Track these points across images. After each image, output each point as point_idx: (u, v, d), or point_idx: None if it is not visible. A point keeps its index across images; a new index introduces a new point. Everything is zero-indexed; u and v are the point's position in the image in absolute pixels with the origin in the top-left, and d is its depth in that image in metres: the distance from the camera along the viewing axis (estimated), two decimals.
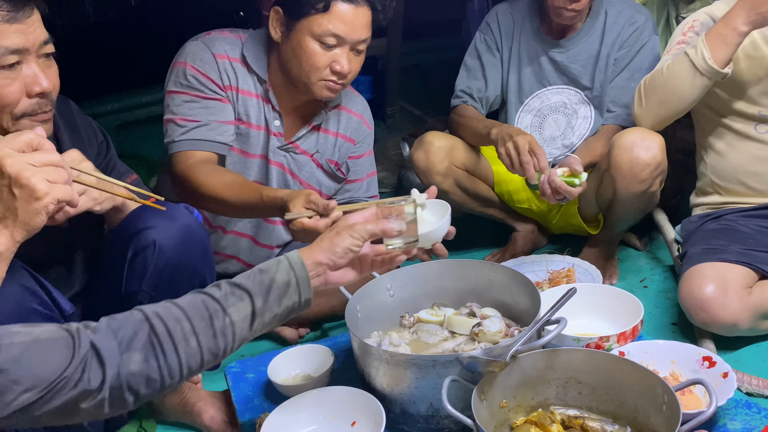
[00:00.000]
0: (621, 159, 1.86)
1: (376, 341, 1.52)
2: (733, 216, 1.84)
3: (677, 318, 1.91)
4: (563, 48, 2.11)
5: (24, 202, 0.98)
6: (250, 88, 1.80)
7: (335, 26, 1.66)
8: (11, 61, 1.12)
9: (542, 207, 2.29)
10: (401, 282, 1.64)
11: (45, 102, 1.18)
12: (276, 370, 1.53)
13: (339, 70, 1.69)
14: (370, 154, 2.05)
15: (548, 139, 2.19)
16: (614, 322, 1.59)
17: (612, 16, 2.06)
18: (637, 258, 2.28)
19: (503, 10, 2.20)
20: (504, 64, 2.19)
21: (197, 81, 1.74)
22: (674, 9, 2.18)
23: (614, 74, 2.09)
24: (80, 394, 0.89)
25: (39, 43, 1.16)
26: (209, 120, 1.72)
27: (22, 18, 1.12)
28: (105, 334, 0.92)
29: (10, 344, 0.85)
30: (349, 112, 1.96)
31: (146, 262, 1.32)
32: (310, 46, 1.68)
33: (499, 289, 1.59)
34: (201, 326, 0.99)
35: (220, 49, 1.77)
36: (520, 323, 1.53)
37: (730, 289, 1.65)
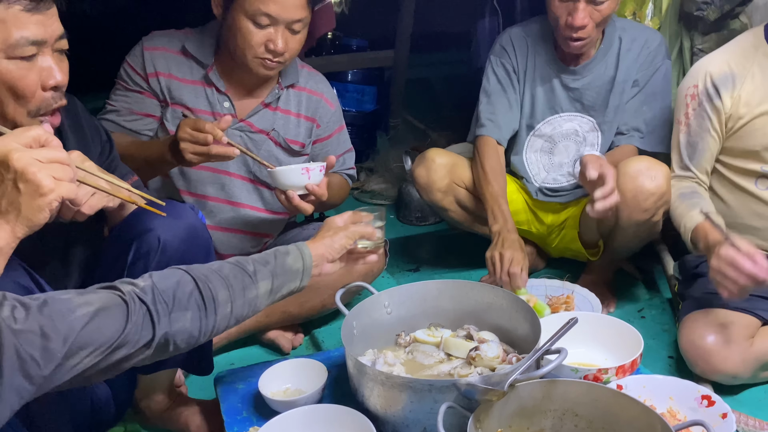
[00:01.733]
0: (625, 187, 1.85)
1: (370, 359, 1.50)
2: None
3: (674, 351, 1.89)
4: (578, 75, 2.09)
5: (28, 198, 0.97)
6: (185, 75, 1.86)
7: (266, 6, 1.69)
8: (30, 53, 1.12)
9: (541, 230, 2.27)
10: (399, 300, 1.62)
11: (58, 95, 1.18)
12: (267, 383, 1.50)
13: (273, 48, 1.73)
14: (340, 131, 2.07)
15: (556, 165, 2.17)
16: (613, 353, 1.57)
17: (626, 42, 2.05)
18: (635, 287, 2.27)
19: (517, 33, 2.17)
20: (520, 87, 2.17)
21: (125, 72, 1.86)
22: (688, 40, 2.17)
23: (629, 97, 2.07)
24: (132, 352, 1.02)
25: (56, 36, 1.16)
26: (122, 107, 1.85)
27: (43, 9, 1.12)
28: (156, 295, 1.05)
29: (75, 317, 0.96)
30: (308, 92, 1.97)
31: (148, 261, 1.30)
32: (244, 24, 1.72)
33: (498, 312, 1.57)
34: (238, 294, 1.16)
35: (152, 43, 1.87)
36: (517, 349, 1.51)
37: (732, 341, 1.63)
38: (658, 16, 2.20)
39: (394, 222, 2.93)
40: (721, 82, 1.74)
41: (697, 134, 1.79)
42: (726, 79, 1.74)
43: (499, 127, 2.13)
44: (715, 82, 1.75)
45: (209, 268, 1.15)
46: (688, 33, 2.16)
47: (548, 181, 2.18)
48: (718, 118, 1.76)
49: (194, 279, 1.10)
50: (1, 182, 0.97)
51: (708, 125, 1.77)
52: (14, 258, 1.05)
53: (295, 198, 1.73)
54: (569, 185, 2.16)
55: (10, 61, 1.11)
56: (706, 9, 2.06)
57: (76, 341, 0.95)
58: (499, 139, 2.13)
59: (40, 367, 0.91)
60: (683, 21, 2.17)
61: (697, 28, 2.13)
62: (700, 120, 1.78)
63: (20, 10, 1.10)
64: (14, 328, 0.89)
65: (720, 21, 2.08)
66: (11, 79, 1.11)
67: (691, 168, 1.83)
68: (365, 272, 1.95)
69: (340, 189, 2.07)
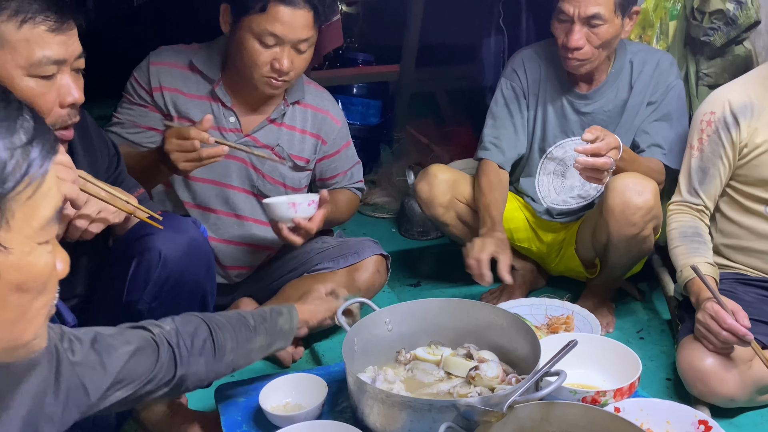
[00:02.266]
0: (614, 201, 1.88)
1: (370, 376, 1.50)
2: (732, 282, 1.83)
3: (672, 374, 1.90)
4: (590, 99, 2.09)
5: None
6: (192, 90, 1.88)
7: (273, 27, 1.71)
8: (50, 72, 1.16)
9: (542, 248, 2.29)
10: (400, 317, 1.63)
11: (74, 113, 1.22)
12: (267, 396, 1.50)
13: (278, 68, 1.75)
14: (347, 146, 2.09)
15: (567, 188, 2.17)
16: (611, 375, 1.58)
17: (638, 65, 2.06)
18: (635, 308, 2.28)
19: (529, 55, 2.18)
20: (530, 110, 2.18)
21: (131, 86, 1.90)
22: (694, 64, 2.18)
23: (643, 119, 2.07)
24: (155, 389, 1.13)
25: (75, 56, 1.19)
26: (127, 120, 1.88)
27: (66, 30, 1.16)
28: (180, 339, 1.16)
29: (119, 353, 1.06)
30: (314, 108, 1.99)
31: (149, 272, 1.32)
32: (251, 43, 1.75)
33: (499, 332, 1.58)
34: (241, 346, 1.28)
35: (159, 58, 1.89)
36: (517, 369, 1.52)
37: (731, 364, 1.64)
38: (665, 41, 2.22)
39: (396, 236, 2.95)
40: (740, 110, 1.76)
41: (709, 160, 1.81)
42: (745, 108, 1.76)
43: (502, 151, 2.15)
44: (734, 111, 1.76)
45: (221, 317, 1.27)
46: (694, 57, 2.18)
47: (557, 202, 2.19)
48: (732, 147, 1.78)
49: (209, 328, 1.22)
50: None
51: (721, 152, 1.79)
52: None
53: (283, 230, 1.79)
54: (578, 207, 2.18)
55: (31, 78, 1.14)
56: (712, 35, 2.08)
57: (118, 375, 1.05)
58: (501, 163, 2.14)
59: (89, 397, 1.00)
60: (689, 46, 2.19)
61: (703, 53, 2.15)
62: (714, 146, 1.80)
63: (45, 30, 1.13)
64: (72, 360, 0.98)
65: (725, 47, 2.10)
66: (31, 96, 1.14)
67: (700, 193, 1.85)
68: (366, 287, 1.96)
69: (348, 204, 2.10)
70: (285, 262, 2.07)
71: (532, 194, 2.22)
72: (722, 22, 2.06)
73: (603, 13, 1.88)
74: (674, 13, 2.21)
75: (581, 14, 1.88)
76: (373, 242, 2.07)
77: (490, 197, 2.07)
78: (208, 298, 1.42)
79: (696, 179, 1.84)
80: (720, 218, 1.87)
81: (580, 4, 1.88)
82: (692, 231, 1.81)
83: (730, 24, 2.05)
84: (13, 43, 1.12)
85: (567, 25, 1.93)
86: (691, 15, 2.15)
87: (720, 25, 2.07)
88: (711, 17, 2.08)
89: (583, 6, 1.87)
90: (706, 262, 1.73)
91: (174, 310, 1.34)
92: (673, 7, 2.21)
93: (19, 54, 1.12)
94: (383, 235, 2.87)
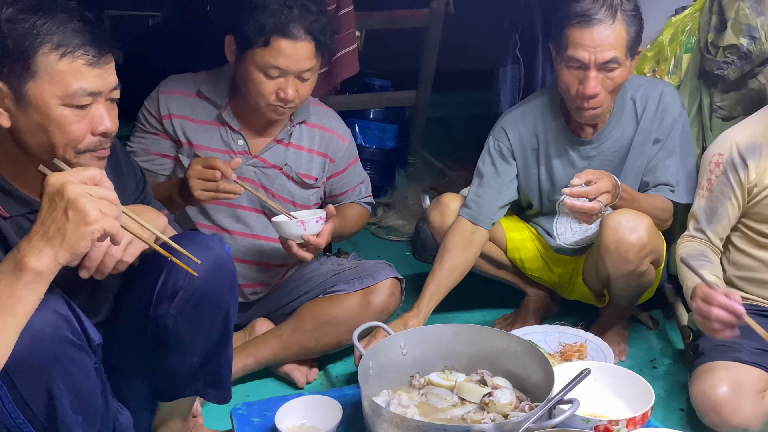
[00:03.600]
0: (608, 239, 1.89)
1: (385, 400, 1.52)
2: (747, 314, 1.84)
3: (685, 404, 1.90)
4: (596, 143, 2.04)
5: (74, 225, 1.04)
6: (200, 117, 1.94)
7: (276, 60, 1.77)
8: (85, 102, 1.20)
9: (553, 278, 2.30)
10: (415, 342, 1.65)
11: (106, 140, 1.25)
12: (283, 418, 1.53)
13: (283, 97, 1.81)
14: (355, 164, 2.14)
15: (584, 228, 2.16)
16: (623, 404, 1.59)
17: (641, 101, 2.01)
18: (648, 337, 2.28)
19: (520, 112, 2.09)
20: (530, 167, 2.11)
21: (142, 115, 1.96)
22: (707, 97, 2.20)
23: (650, 156, 2.03)
24: None
25: (111, 87, 1.23)
26: (139, 149, 1.95)
27: (103, 64, 1.20)
28: None
29: None
30: (320, 128, 2.03)
31: (177, 287, 1.35)
32: (256, 75, 1.81)
33: (513, 359, 1.60)
34: None
35: (168, 87, 1.95)
36: (530, 396, 1.53)
37: (744, 393, 1.64)
38: (678, 74, 2.24)
39: (410, 259, 2.96)
40: (748, 151, 1.77)
41: (717, 200, 1.82)
42: (753, 149, 1.76)
43: (481, 211, 2.07)
44: (741, 152, 1.77)
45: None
46: (708, 90, 2.20)
47: (572, 243, 2.19)
48: (741, 188, 1.79)
49: None
50: (54, 209, 1.05)
51: (730, 193, 1.80)
52: (53, 286, 1.10)
53: (293, 247, 1.85)
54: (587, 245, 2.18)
55: (66, 108, 1.18)
56: (726, 68, 2.10)
57: None
58: (478, 222, 2.08)
59: None
60: (703, 79, 2.21)
61: (717, 87, 2.17)
62: (723, 187, 1.80)
63: (83, 63, 1.18)
64: None
65: (740, 80, 2.12)
66: (64, 123, 1.19)
67: (707, 232, 1.85)
68: (380, 310, 1.99)
69: (357, 217, 2.15)
70: (300, 284, 2.10)
71: (548, 230, 2.23)
72: (736, 56, 2.08)
73: (619, 56, 1.82)
74: (689, 47, 2.23)
75: (598, 60, 1.81)
76: (388, 265, 2.09)
77: (439, 277, 2.01)
78: (231, 315, 1.44)
79: (704, 219, 1.84)
80: (733, 250, 1.88)
81: (597, 50, 1.80)
82: (698, 253, 1.81)
83: (744, 58, 2.07)
84: (52, 75, 1.16)
85: (580, 72, 1.84)
86: (705, 49, 2.17)
87: (734, 59, 2.09)
88: (725, 51, 2.10)
89: (600, 51, 1.80)
90: (712, 274, 1.72)
91: (197, 325, 1.38)
92: (687, 40, 2.23)
93: (56, 85, 1.17)
94: (397, 258, 2.88)
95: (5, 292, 1.04)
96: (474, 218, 2.08)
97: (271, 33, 1.75)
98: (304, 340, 1.96)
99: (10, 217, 1.23)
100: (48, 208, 1.06)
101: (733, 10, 2.08)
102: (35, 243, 1.05)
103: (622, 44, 1.83)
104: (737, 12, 2.07)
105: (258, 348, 1.97)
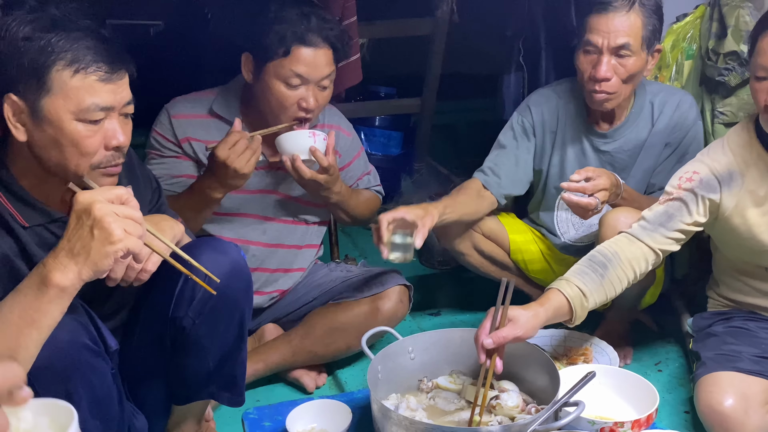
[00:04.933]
0: (606, 236, 1.89)
1: (393, 403, 1.55)
2: (744, 320, 1.84)
3: (690, 407, 1.92)
4: (609, 138, 2.10)
5: (99, 243, 1.08)
6: (215, 137, 1.92)
7: (297, 68, 1.81)
8: (98, 117, 1.22)
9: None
10: (423, 346, 1.68)
11: (118, 155, 1.28)
12: (294, 422, 1.56)
13: (305, 107, 1.85)
14: (359, 155, 2.18)
15: (587, 225, 2.19)
16: (628, 406, 1.61)
17: (658, 106, 2.07)
18: (653, 340, 2.29)
19: (547, 93, 2.19)
20: (546, 148, 2.18)
21: (156, 142, 1.95)
22: (709, 103, 2.22)
23: (661, 160, 2.08)
24: None
25: (124, 102, 1.26)
26: (162, 174, 1.90)
27: (116, 79, 1.23)
28: None
29: None
30: (327, 127, 2.07)
31: (195, 289, 1.38)
32: (277, 87, 1.83)
33: (519, 362, 1.62)
34: None
35: (177, 110, 1.95)
36: (536, 399, 1.56)
37: (751, 407, 1.64)
38: (679, 80, 2.27)
39: (416, 265, 2.99)
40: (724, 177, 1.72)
41: (678, 209, 1.74)
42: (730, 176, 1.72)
43: (498, 177, 2.13)
44: (717, 174, 1.72)
45: None
46: (709, 96, 2.22)
47: (576, 239, 2.22)
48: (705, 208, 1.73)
49: None
50: (80, 227, 1.08)
51: (693, 208, 1.73)
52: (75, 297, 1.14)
53: (298, 160, 1.84)
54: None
55: (79, 122, 1.21)
56: (727, 75, 2.13)
57: None
58: (489, 187, 2.13)
59: None
60: (704, 85, 2.24)
61: (718, 92, 2.19)
62: (688, 201, 1.74)
63: (96, 80, 1.20)
64: None
65: (741, 86, 2.15)
66: (78, 138, 1.21)
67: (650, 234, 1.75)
68: (389, 316, 2.01)
69: (368, 200, 2.21)
70: (310, 290, 2.13)
71: (551, 228, 2.26)
72: (737, 62, 2.11)
73: (632, 44, 1.90)
74: (690, 53, 2.26)
75: (610, 44, 1.90)
76: (397, 272, 2.12)
77: (451, 200, 2.05)
78: (246, 319, 1.48)
79: (655, 221, 1.75)
80: (725, 276, 1.89)
81: (610, 35, 1.89)
82: (600, 259, 1.72)
83: (745, 65, 2.09)
84: (66, 91, 1.19)
85: (594, 57, 1.94)
86: (706, 56, 2.19)
87: (734, 66, 2.11)
88: (725, 58, 2.12)
89: (613, 36, 1.89)
90: (577, 286, 1.64)
91: (214, 328, 1.41)
92: (689, 47, 2.26)
93: (70, 101, 1.19)
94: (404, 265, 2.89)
95: (31, 306, 1.07)
96: (487, 183, 2.13)
97: (291, 42, 1.79)
98: (314, 346, 1.99)
99: (30, 227, 1.27)
100: (75, 226, 1.09)
101: (734, 17, 2.10)
102: (61, 259, 1.08)
103: (637, 33, 1.91)
104: (737, 19, 2.09)
105: (268, 353, 2.00)
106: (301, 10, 1.83)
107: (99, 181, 1.26)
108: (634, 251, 1.73)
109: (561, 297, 1.61)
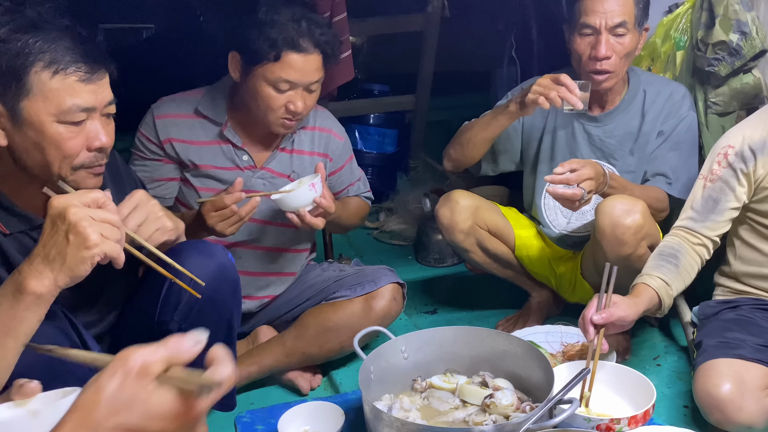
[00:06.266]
0: (604, 223, 1.91)
1: (387, 404, 1.53)
2: (751, 309, 1.83)
3: (689, 401, 1.90)
4: (600, 123, 2.12)
5: (74, 249, 1.06)
6: (200, 138, 1.92)
7: (287, 73, 1.79)
8: (79, 119, 1.21)
9: (555, 278, 2.30)
10: (416, 345, 1.66)
11: (101, 156, 1.26)
12: (286, 424, 1.54)
13: (293, 110, 1.83)
14: (351, 160, 2.17)
15: (578, 213, 2.18)
16: (625, 402, 1.59)
17: (651, 95, 2.09)
18: (651, 334, 2.28)
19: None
20: (536, 131, 2.19)
21: (140, 143, 1.94)
22: (702, 93, 2.20)
23: (653, 148, 2.09)
24: None
25: (105, 103, 1.24)
26: (143, 177, 1.85)
27: (96, 80, 1.21)
28: None
29: None
30: (318, 129, 2.06)
31: (181, 294, 1.37)
32: (265, 90, 1.81)
33: (513, 360, 1.60)
34: None
35: (162, 111, 1.93)
36: (532, 397, 1.54)
37: (747, 390, 1.63)
38: (672, 71, 2.25)
39: (413, 263, 2.98)
40: (758, 146, 1.76)
41: (720, 191, 1.80)
42: (764, 144, 1.76)
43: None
44: (752, 146, 1.77)
45: None
46: (702, 87, 2.20)
47: (568, 228, 2.21)
48: (748, 181, 1.78)
49: None
50: (56, 232, 1.06)
51: (735, 184, 1.79)
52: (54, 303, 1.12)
53: (307, 216, 1.82)
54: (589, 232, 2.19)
55: (61, 124, 1.19)
56: (717, 65, 2.11)
57: None
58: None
59: None
60: (696, 76, 2.22)
61: (710, 83, 2.17)
62: (728, 178, 1.79)
63: (75, 80, 1.18)
64: None
65: (732, 76, 2.13)
66: (59, 140, 1.20)
67: (702, 224, 1.82)
68: (383, 315, 2.00)
69: (357, 208, 2.17)
70: (303, 291, 2.12)
71: (540, 219, 2.24)
72: (726, 52, 2.08)
73: (627, 22, 1.95)
74: (681, 44, 2.24)
75: (608, 24, 1.94)
76: (390, 270, 2.10)
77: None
78: (234, 321, 1.46)
79: (703, 209, 1.82)
80: (740, 245, 1.88)
81: (606, 14, 1.94)
82: (669, 251, 1.79)
83: (734, 54, 2.07)
84: (45, 92, 1.17)
85: (592, 38, 1.97)
86: (697, 46, 2.18)
87: (724, 56, 2.09)
88: (714, 48, 2.10)
89: (610, 16, 1.93)
90: (659, 278, 1.72)
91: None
92: (680, 38, 2.24)
93: (50, 102, 1.17)
94: (400, 262, 2.90)
95: (7, 314, 1.06)
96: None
97: (282, 48, 1.76)
98: (308, 347, 1.98)
99: (11, 234, 1.25)
100: (50, 231, 1.07)
101: (722, 6, 2.08)
102: (36, 265, 1.06)
103: (630, 12, 1.96)
104: (726, 8, 2.07)
105: (261, 356, 1.98)
106: (293, 13, 1.80)
107: (85, 181, 1.24)
108: (693, 240, 1.82)
109: (649, 289, 1.71)
